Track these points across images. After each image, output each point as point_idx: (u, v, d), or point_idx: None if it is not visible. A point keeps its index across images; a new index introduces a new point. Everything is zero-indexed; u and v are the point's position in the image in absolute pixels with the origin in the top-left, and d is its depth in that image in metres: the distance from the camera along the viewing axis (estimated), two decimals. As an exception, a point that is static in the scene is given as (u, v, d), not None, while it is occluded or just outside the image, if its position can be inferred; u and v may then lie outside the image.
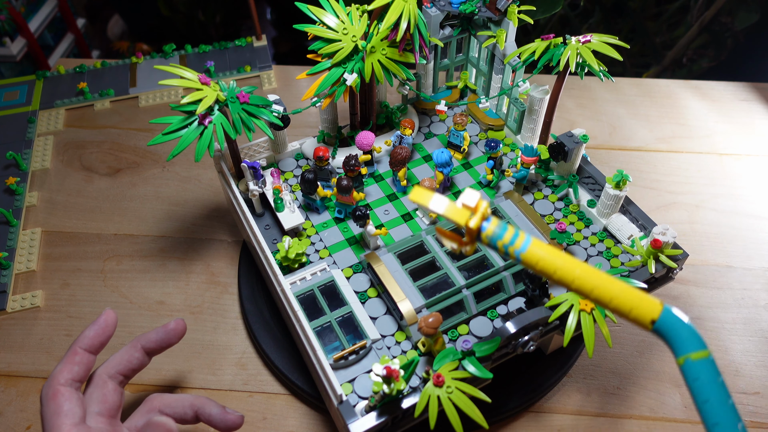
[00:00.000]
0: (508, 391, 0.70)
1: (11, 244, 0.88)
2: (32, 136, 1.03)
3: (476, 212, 0.38)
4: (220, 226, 0.90)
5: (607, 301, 0.35)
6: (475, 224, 0.38)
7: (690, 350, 0.34)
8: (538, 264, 0.37)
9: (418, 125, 0.83)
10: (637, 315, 0.34)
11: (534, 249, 0.37)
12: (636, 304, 0.34)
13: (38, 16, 1.54)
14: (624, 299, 0.35)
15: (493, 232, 0.38)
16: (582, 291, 0.36)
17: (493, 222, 0.39)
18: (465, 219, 0.38)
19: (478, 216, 0.38)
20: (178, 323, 0.63)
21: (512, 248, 0.37)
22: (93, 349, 0.60)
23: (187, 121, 0.62)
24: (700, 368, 0.33)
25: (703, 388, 0.33)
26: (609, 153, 1.01)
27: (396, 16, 0.64)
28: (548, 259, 0.37)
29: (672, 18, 1.45)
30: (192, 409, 0.60)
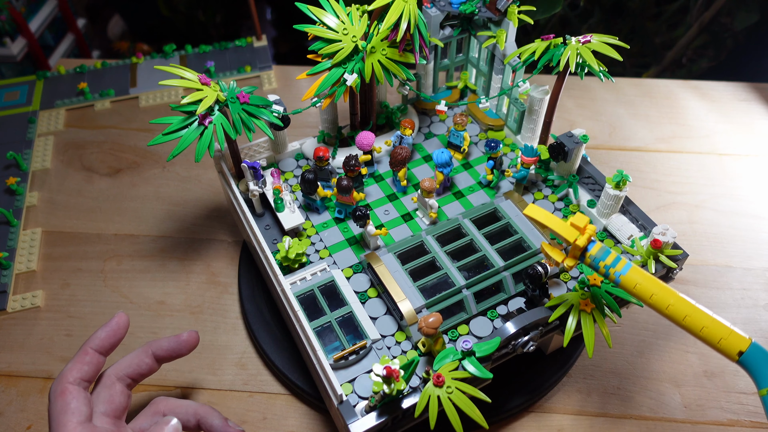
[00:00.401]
0: (508, 391, 0.70)
1: (11, 244, 0.88)
2: (32, 137, 1.03)
3: (584, 232, 0.43)
4: (220, 226, 0.91)
5: (698, 329, 0.38)
6: (582, 242, 0.43)
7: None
8: (635, 288, 0.40)
9: (418, 125, 0.83)
10: (726, 345, 0.38)
11: (633, 274, 0.41)
12: (725, 335, 0.38)
13: (38, 16, 1.54)
14: (714, 329, 0.38)
15: (597, 252, 0.43)
16: (674, 318, 0.39)
17: (598, 245, 0.43)
18: (573, 237, 0.43)
19: (584, 236, 0.43)
20: (191, 335, 0.64)
21: (613, 270, 0.42)
22: (103, 351, 0.60)
23: (187, 122, 0.62)
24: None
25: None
26: (609, 153, 1.01)
27: (396, 16, 0.64)
28: (645, 284, 0.40)
29: (672, 18, 1.45)
30: (195, 417, 0.61)
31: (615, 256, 0.41)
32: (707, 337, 0.38)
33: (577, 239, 0.43)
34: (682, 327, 0.39)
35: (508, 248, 0.66)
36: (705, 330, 0.38)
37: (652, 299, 0.40)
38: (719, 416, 0.71)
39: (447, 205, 0.74)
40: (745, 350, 0.38)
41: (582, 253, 0.43)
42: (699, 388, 0.74)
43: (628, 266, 0.41)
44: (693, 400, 0.72)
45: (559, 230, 0.44)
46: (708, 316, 0.38)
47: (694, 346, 0.77)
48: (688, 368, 0.75)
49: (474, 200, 0.75)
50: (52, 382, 0.58)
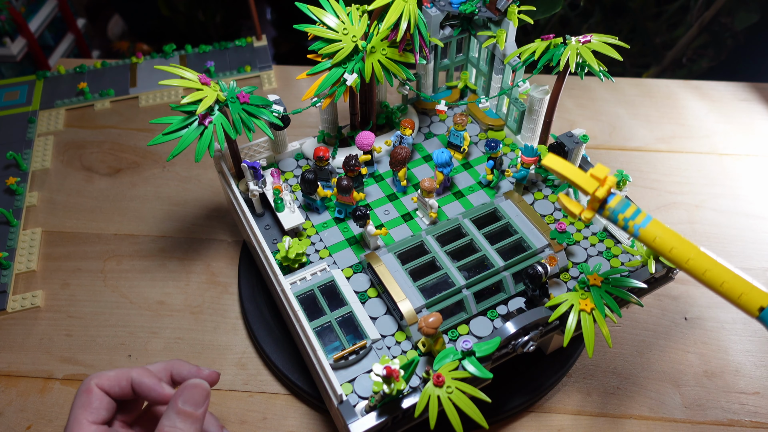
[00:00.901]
0: (508, 391, 0.70)
1: (11, 244, 0.88)
2: (32, 136, 1.03)
3: (604, 184, 0.41)
4: (220, 226, 0.91)
5: (718, 284, 0.38)
6: (602, 193, 0.41)
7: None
8: (655, 241, 0.39)
9: (418, 125, 0.83)
10: (746, 300, 0.37)
11: (653, 227, 0.39)
12: (746, 290, 0.37)
13: (38, 16, 1.54)
14: (735, 284, 0.37)
15: (616, 205, 0.41)
16: (694, 272, 0.39)
17: (618, 197, 0.41)
18: (593, 188, 0.41)
19: (605, 187, 0.41)
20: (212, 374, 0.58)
21: (632, 222, 0.40)
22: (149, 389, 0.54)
23: (187, 121, 0.62)
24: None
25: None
26: (609, 153, 1.01)
27: (396, 16, 0.64)
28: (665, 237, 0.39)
29: (672, 18, 1.45)
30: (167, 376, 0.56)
31: (635, 209, 0.40)
32: (727, 293, 0.38)
33: (597, 190, 0.41)
34: (702, 282, 0.38)
35: (508, 248, 0.66)
36: (725, 285, 0.38)
37: (672, 253, 0.39)
38: (719, 416, 0.71)
39: (447, 205, 0.74)
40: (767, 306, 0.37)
41: (601, 205, 0.42)
42: (699, 388, 0.74)
43: (648, 219, 0.40)
44: (693, 400, 0.72)
45: (579, 181, 0.42)
46: (729, 271, 0.38)
47: (694, 346, 0.77)
48: (688, 368, 0.75)
49: (474, 200, 0.75)
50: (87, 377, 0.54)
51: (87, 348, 0.78)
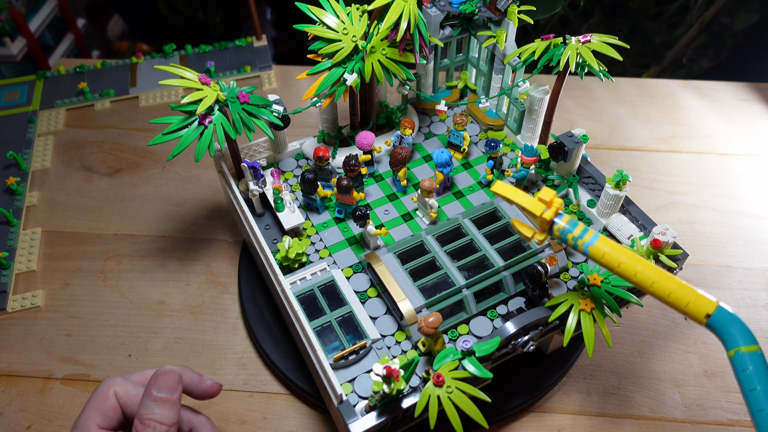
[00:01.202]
0: (508, 391, 0.70)
1: (11, 244, 0.88)
2: (32, 136, 1.03)
3: (551, 206, 0.43)
4: (220, 226, 0.91)
5: (665, 295, 0.39)
6: (549, 215, 0.43)
7: (741, 344, 0.37)
8: (603, 257, 0.41)
9: (418, 125, 0.83)
10: (693, 309, 0.38)
11: (600, 244, 0.41)
12: (693, 299, 0.38)
13: (38, 16, 1.54)
14: (681, 294, 0.38)
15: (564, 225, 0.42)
16: (642, 284, 0.39)
17: (565, 218, 0.43)
18: (540, 211, 0.43)
19: (552, 209, 0.43)
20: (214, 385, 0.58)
21: (581, 241, 0.42)
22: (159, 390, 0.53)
23: (187, 121, 0.62)
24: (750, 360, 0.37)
25: (751, 377, 0.37)
26: (609, 153, 1.01)
27: (396, 16, 0.64)
28: (613, 254, 0.41)
29: (672, 18, 1.45)
30: None
31: (583, 228, 0.42)
32: (675, 302, 0.38)
33: (544, 213, 0.43)
34: (651, 293, 0.39)
35: (508, 248, 0.66)
36: (673, 295, 0.38)
37: (621, 268, 0.40)
38: (719, 416, 0.71)
39: (447, 205, 0.74)
40: (712, 312, 0.38)
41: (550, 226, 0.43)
42: (699, 388, 0.74)
43: (596, 236, 0.41)
44: (693, 400, 0.72)
45: (526, 205, 0.44)
46: (676, 281, 0.39)
47: (694, 346, 0.77)
48: (688, 368, 0.75)
49: (474, 200, 0.75)
50: (106, 378, 0.54)
51: (87, 348, 0.78)
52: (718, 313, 0.38)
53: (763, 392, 0.36)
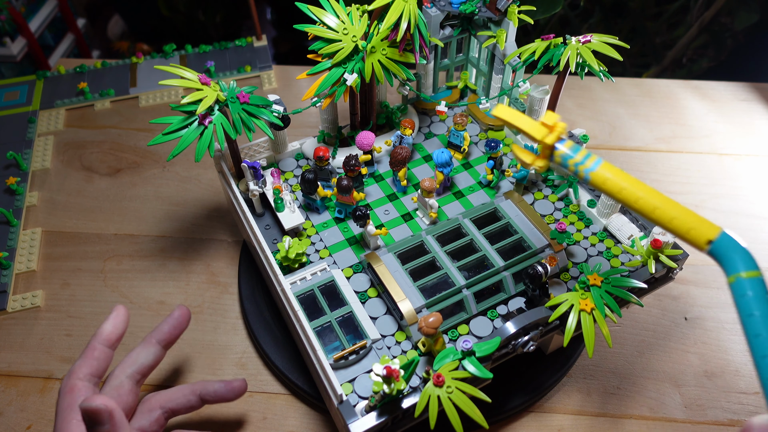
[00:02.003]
0: (508, 391, 0.70)
1: (11, 244, 0.88)
2: (32, 136, 1.03)
3: (553, 130, 0.41)
4: (220, 226, 0.91)
5: (667, 221, 0.38)
6: (551, 140, 0.41)
7: (742, 269, 0.36)
8: (605, 183, 0.39)
9: (418, 125, 0.83)
10: (696, 235, 0.37)
11: (602, 170, 0.39)
12: (695, 224, 0.37)
13: (38, 16, 1.55)
14: (684, 220, 0.37)
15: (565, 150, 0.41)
16: (644, 211, 0.38)
17: (567, 143, 0.41)
18: (542, 135, 0.41)
19: (554, 133, 0.41)
20: (182, 310, 0.65)
21: (582, 167, 0.40)
22: (110, 344, 0.61)
23: (187, 121, 0.62)
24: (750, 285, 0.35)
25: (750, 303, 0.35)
26: (609, 153, 1.01)
27: (396, 16, 0.64)
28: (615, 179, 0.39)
29: (672, 18, 1.45)
30: (194, 394, 0.62)
31: (585, 153, 0.40)
32: (677, 228, 0.37)
33: (546, 137, 0.41)
34: (653, 220, 0.38)
35: (508, 248, 0.66)
36: (675, 221, 0.37)
37: (623, 194, 0.39)
38: (719, 416, 0.71)
39: (447, 205, 0.74)
40: (714, 238, 0.36)
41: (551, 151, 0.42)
42: (699, 388, 0.74)
43: (598, 162, 0.40)
44: (693, 400, 0.72)
45: (528, 128, 0.42)
46: (679, 207, 0.38)
47: (694, 346, 0.77)
48: (688, 368, 0.75)
49: (474, 200, 0.75)
50: (63, 377, 0.58)
51: (87, 348, 0.78)
52: (720, 238, 0.36)
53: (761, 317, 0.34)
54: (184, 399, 0.63)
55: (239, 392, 0.65)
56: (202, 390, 0.64)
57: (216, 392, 0.64)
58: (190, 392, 0.63)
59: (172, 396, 0.63)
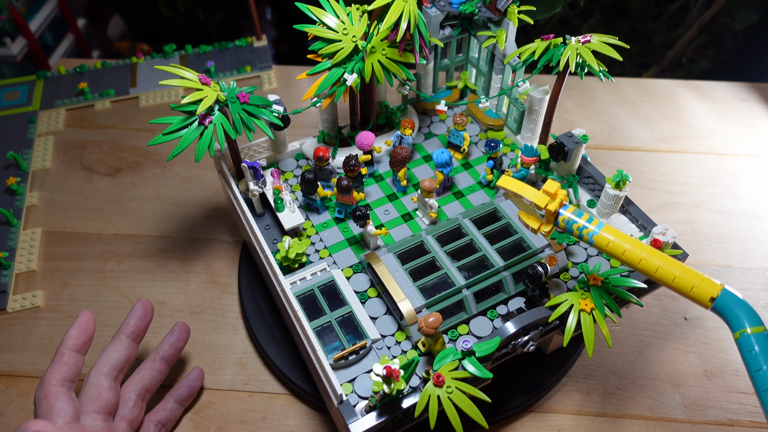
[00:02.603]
0: (508, 391, 0.70)
1: (12, 244, 0.88)
2: (33, 136, 1.03)
3: (555, 198, 0.44)
4: (220, 226, 0.91)
5: (670, 280, 0.39)
6: (554, 207, 0.44)
7: (747, 325, 0.37)
8: (608, 246, 0.42)
9: (418, 125, 0.83)
10: (698, 293, 0.38)
11: (605, 233, 0.42)
12: (697, 283, 0.39)
13: (38, 16, 1.54)
14: (686, 279, 0.39)
15: (569, 216, 0.44)
16: (647, 270, 0.40)
17: (570, 208, 0.45)
18: (545, 202, 0.44)
19: (556, 201, 0.44)
20: (143, 302, 0.68)
21: (586, 231, 0.43)
22: (78, 349, 0.62)
23: (187, 121, 0.62)
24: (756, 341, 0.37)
25: (757, 358, 0.37)
26: (609, 153, 1.01)
27: (396, 16, 0.64)
28: (617, 242, 0.42)
29: (672, 18, 1.45)
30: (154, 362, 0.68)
31: (587, 218, 0.43)
32: (680, 287, 0.39)
33: (549, 204, 0.44)
34: (656, 279, 0.40)
35: (508, 248, 0.66)
36: (677, 280, 0.39)
37: (625, 255, 0.41)
38: (719, 416, 0.71)
39: (447, 205, 0.74)
40: (716, 296, 0.38)
41: (555, 217, 0.44)
42: (699, 388, 0.74)
43: (600, 225, 0.42)
44: (693, 400, 0.73)
45: (532, 197, 0.45)
46: (680, 266, 0.39)
47: (694, 346, 0.77)
48: (688, 368, 0.75)
49: (474, 200, 0.75)
50: (36, 388, 0.59)
51: (87, 348, 0.78)
52: (722, 295, 0.38)
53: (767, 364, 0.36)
54: (149, 372, 0.66)
55: (184, 332, 0.70)
56: (159, 353, 0.68)
57: (170, 344, 0.69)
58: (150, 363, 0.67)
59: (137, 376, 0.66)
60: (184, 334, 0.71)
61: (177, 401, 0.69)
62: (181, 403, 0.69)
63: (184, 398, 0.70)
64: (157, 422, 0.67)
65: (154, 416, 0.67)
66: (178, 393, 0.69)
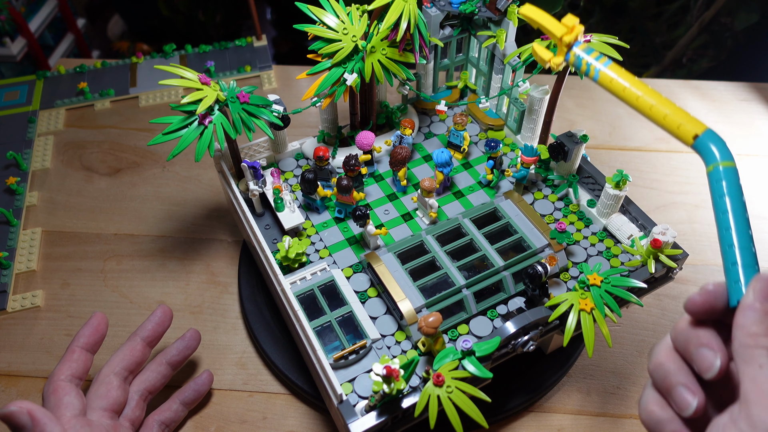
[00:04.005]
0: (508, 391, 0.70)
1: (11, 243, 0.88)
2: (32, 136, 1.03)
3: (572, 31, 0.45)
4: (220, 226, 0.91)
5: (660, 117, 0.42)
6: (570, 39, 0.45)
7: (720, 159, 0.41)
8: (611, 83, 0.44)
9: (418, 125, 0.83)
10: (684, 130, 0.42)
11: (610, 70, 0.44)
12: (685, 121, 0.42)
13: (38, 16, 1.55)
14: (675, 117, 0.42)
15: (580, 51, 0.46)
16: (642, 109, 0.43)
17: (583, 44, 0.46)
18: (562, 32, 0.46)
19: (573, 33, 0.45)
20: (164, 309, 0.68)
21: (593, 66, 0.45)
22: (89, 348, 0.63)
23: (187, 121, 0.62)
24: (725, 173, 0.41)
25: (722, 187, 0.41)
26: (609, 153, 1.01)
27: (396, 16, 0.64)
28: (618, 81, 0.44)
29: (672, 18, 1.45)
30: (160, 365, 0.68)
31: (597, 54, 0.45)
32: (669, 125, 0.42)
33: (565, 35, 0.45)
34: (649, 117, 0.43)
35: (508, 248, 0.66)
36: (668, 118, 0.42)
37: (625, 92, 0.43)
38: (719, 416, 0.71)
39: (447, 205, 0.74)
40: (700, 133, 0.41)
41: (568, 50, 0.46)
42: (699, 388, 0.73)
43: (608, 63, 0.44)
44: (693, 400, 0.72)
45: (550, 26, 0.47)
46: (673, 106, 0.42)
47: (694, 346, 0.77)
48: (688, 368, 0.75)
49: (474, 200, 0.75)
50: (44, 383, 0.59)
51: (87, 348, 0.78)
52: (705, 134, 0.41)
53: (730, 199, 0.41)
54: (153, 374, 0.67)
55: (195, 340, 0.70)
56: (166, 357, 0.68)
57: (178, 350, 0.69)
58: (157, 365, 0.67)
59: (142, 377, 0.66)
60: (194, 341, 0.70)
61: (183, 403, 0.69)
62: (186, 405, 0.69)
63: (190, 401, 0.70)
64: (161, 422, 0.67)
65: (158, 416, 0.67)
66: (184, 395, 0.69)
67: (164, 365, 0.68)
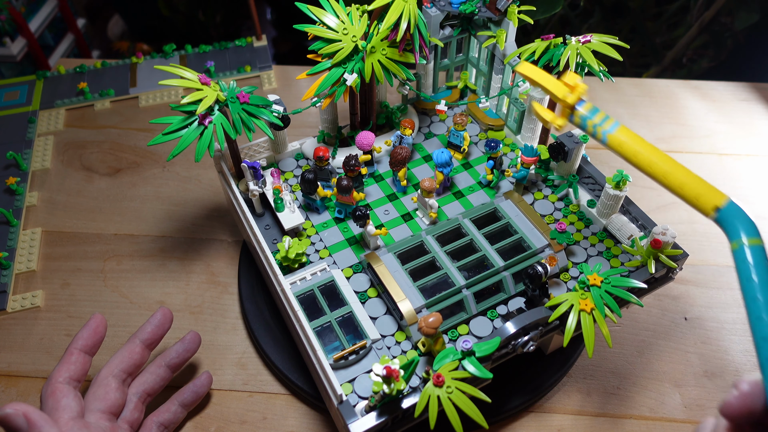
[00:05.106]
0: (508, 391, 0.70)
1: (11, 244, 0.88)
2: (32, 136, 1.03)
3: (574, 91, 0.42)
4: (220, 226, 0.91)
5: (677, 186, 0.39)
6: (572, 100, 0.42)
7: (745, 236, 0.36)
8: (621, 146, 0.41)
9: (418, 125, 0.83)
10: (704, 201, 0.38)
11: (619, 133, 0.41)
12: (704, 191, 0.38)
13: (38, 16, 1.55)
14: (693, 186, 0.39)
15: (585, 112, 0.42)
16: (656, 176, 0.40)
17: (588, 104, 0.42)
18: (563, 93, 0.42)
19: (575, 93, 0.42)
20: (164, 311, 0.68)
21: (600, 128, 0.41)
22: (88, 350, 0.63)
23: (187, 121, 0.62)
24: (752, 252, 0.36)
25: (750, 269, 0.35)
26: (609, 153, 1.01)
27: (396, 16, 0.64)
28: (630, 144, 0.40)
29: (672, 18, 1.45)
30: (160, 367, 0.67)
31: (603, 115, 0.42)
32: (687, 194, 0.38)
33: (567, 97, 0.42)
34: (664, 185, 0.39)
35: (508, 248, 0.66)
36: (685, 187, 0.39)
37: (637, 158, 0.40)
38: (719, 416, 0.71)
39: (447, 205, 0.74)
40: (721, 206, 0.37)
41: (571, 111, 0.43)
42: (699, 388, 0.74)
43: (616, 125, 0.41)
44: (693, 400, 0.72)
45: (550, 86, 0.43)
46: (690, 175, 0.39)
47: (694, 346, 0.77)
48: (688, 368, 0.75)
49: (474, 200, 0.75)
50: (43, 384, 0.59)
51: (87, 348, 0.78)
52: (728, 206, 0.37)
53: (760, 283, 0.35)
54: (152, 376, 0.66)
55: (195, 343, 0.70)
56: (165, 359, 0.68)
57: (177, 353, 0.68)
58: (156, 367, 0.67)
59: (141, 379, 0.66)
60: (194, 345, 0.70)
61: (182, 405, 0.69)
62: (185, 407, 0.69)
63: (189, 402, 0.69)
64: (160, 424, 0.67)
65: (157, 417, 0.67)
66: (183, 397, 0.69)
67: (163, 368, 0.67)
